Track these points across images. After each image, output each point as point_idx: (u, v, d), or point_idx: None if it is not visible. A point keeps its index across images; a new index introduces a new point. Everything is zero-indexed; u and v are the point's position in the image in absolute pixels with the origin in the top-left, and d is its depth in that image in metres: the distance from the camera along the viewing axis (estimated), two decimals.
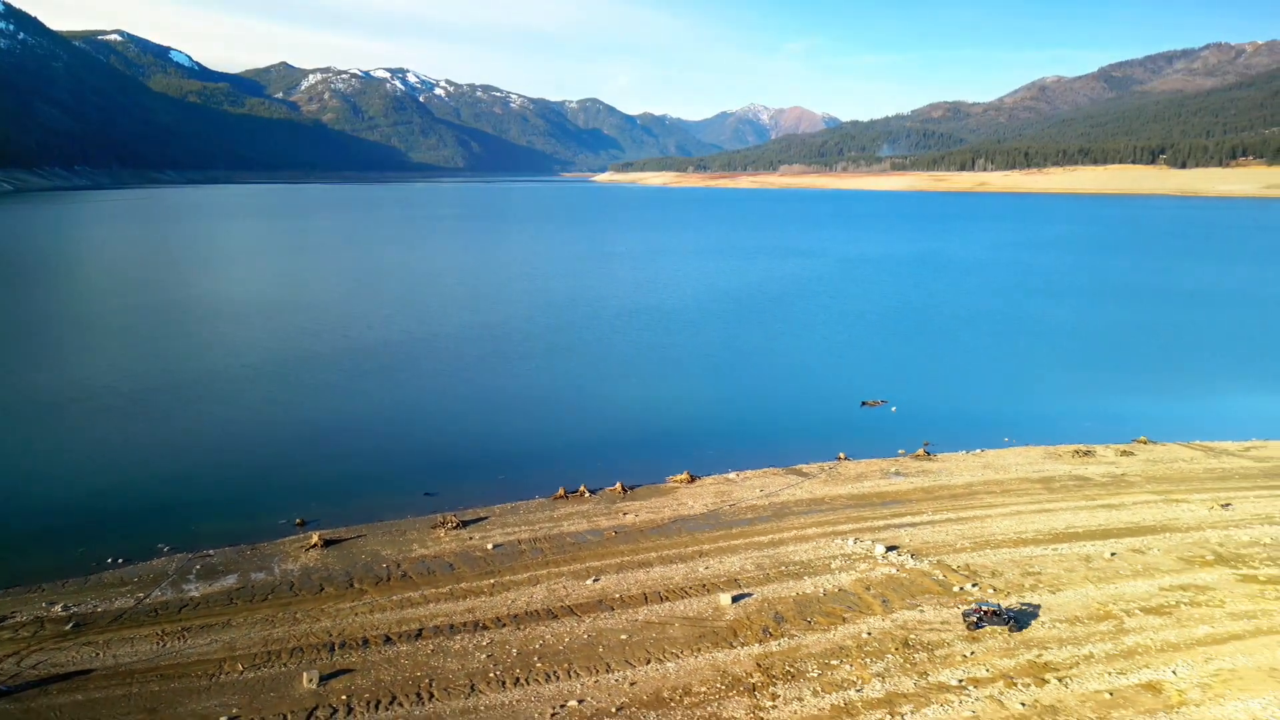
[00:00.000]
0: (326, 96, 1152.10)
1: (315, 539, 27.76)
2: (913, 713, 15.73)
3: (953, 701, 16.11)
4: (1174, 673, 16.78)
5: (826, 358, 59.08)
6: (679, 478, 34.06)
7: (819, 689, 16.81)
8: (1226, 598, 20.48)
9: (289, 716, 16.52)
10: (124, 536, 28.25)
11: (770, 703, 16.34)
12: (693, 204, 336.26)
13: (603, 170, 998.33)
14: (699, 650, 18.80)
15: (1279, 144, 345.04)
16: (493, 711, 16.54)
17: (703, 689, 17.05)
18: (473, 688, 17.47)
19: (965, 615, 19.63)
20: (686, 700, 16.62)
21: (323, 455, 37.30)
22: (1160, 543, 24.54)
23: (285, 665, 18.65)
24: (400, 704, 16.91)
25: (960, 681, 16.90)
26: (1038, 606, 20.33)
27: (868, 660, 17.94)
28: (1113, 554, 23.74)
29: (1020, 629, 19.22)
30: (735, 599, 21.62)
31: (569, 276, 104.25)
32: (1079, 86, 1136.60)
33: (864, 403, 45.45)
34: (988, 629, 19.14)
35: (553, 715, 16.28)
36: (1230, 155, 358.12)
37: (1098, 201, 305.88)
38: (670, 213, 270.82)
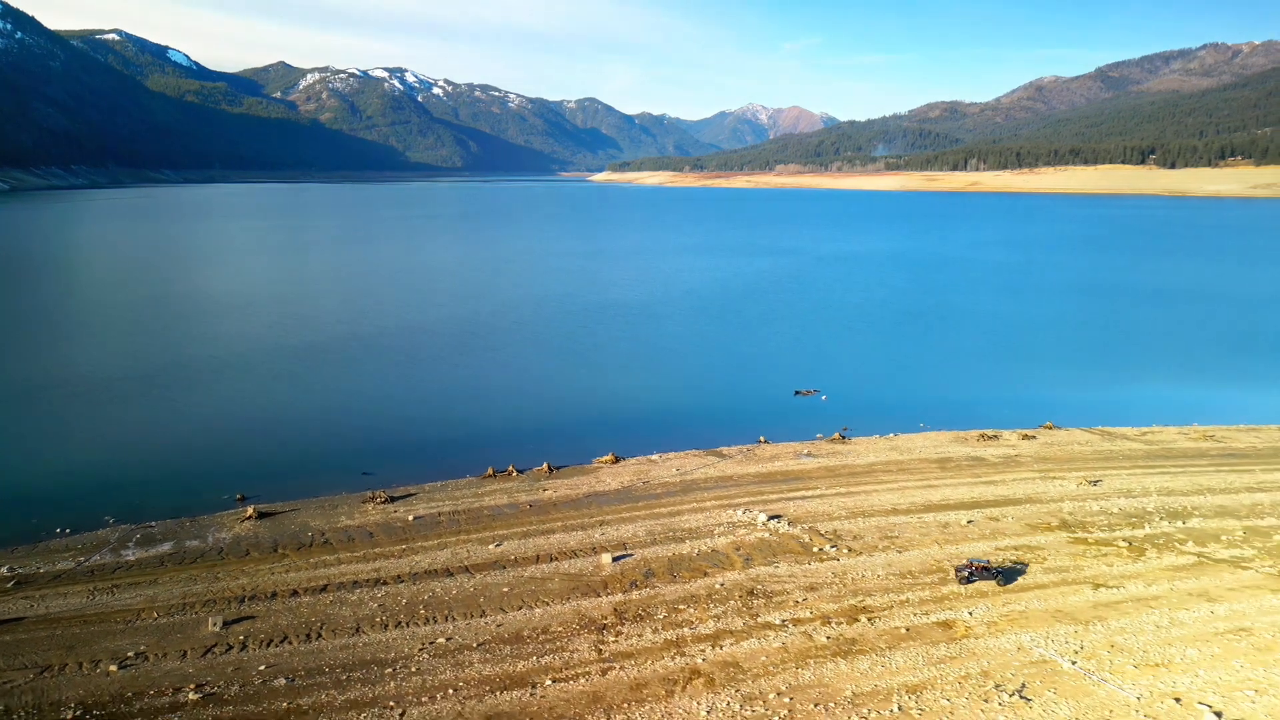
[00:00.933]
0: (324, 96, 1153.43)
1: (251, 511, 29.95)
2: (732, 644, 17.93)
3: (769, 636, 18.31)
4: (970, 614, 18.97)
5: (772, 350, 61.20)
6: (604, 459, 36.27)
7: (660, 627, 19.00)
8: (1050, 555, 22.68)
9: (189, 652, 18.71)
10: (74, 509, 30.45)
11: (614, 639, 18.53)
12: (685, 203, 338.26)
13: (600, 170, 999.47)
14: (568, 599, 20.99)
15: (1266, 144, 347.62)
16: (370, 647, 18.72)
17: (559, 629, 19.24)
18: (358, 629, 19.66)
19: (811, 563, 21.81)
20: (542, 637, 18.81)
21: (270, 439, 39.49)
22: (1017, 512, 26.75)
23: (196, 614, 20.83)
24: (290, 642, 19.10)
25: (783, 621, 19.10)
26: (891, 564, 22.50)
27: (711, 605, 20.13)
28: (969, 521, 25.94)
29: (855, 579, 21.41)
30: (616, 559, 23.82)
31: (543, 274, 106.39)
32: (1076, 87, 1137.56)
33: (797, 392, 47.66)
34: (824, 580, 21.33)
35: (420, 649, 18.46)
36: (1219, 155, 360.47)
37: (1086, 201, 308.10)
38: (660, 212, 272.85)
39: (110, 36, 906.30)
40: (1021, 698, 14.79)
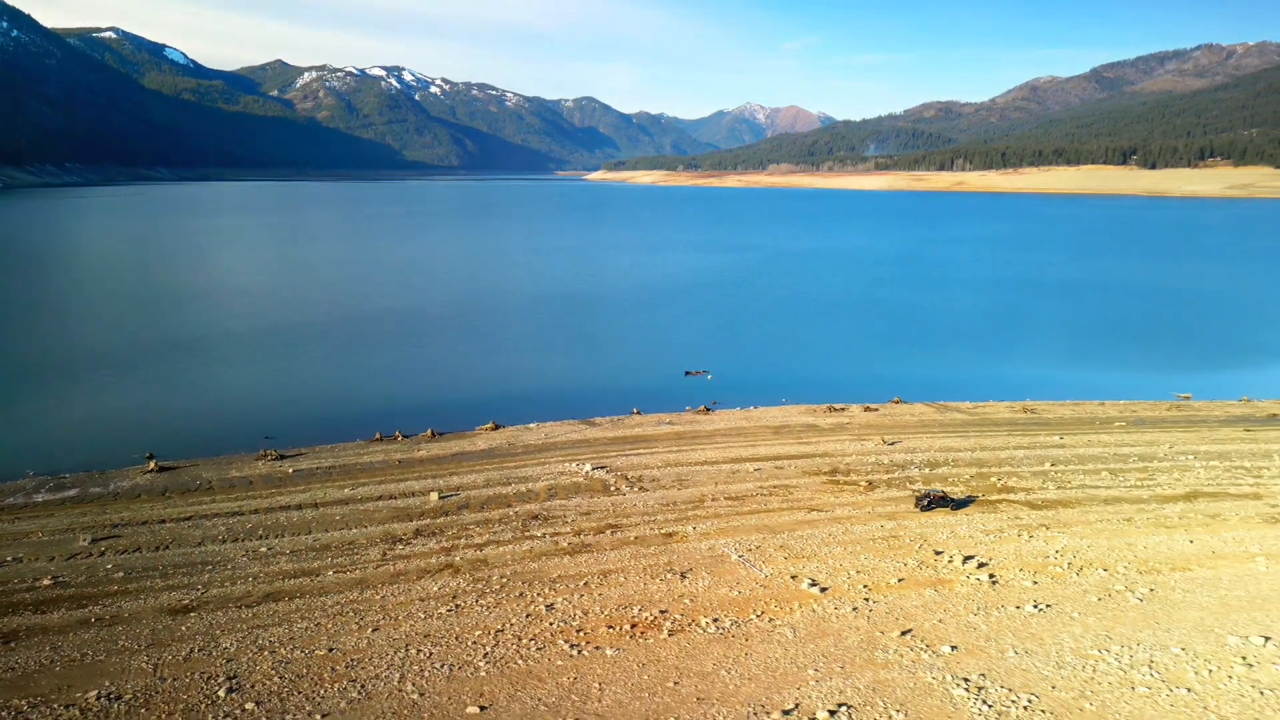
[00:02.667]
0: (321, 94, 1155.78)
1: (153, 465, 34.22)
2: (491, 549, 22.14)
3: (524, 544, 22.50)
4: (693, 529, 23.24)
5: (686, 338, 65.44)
6: (486, 426, 40.56)
7: (443, 540, 23.25)
8: (796, 491, 26.98)
9: (56, 558, 22.94)
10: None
11: (401, 548, 22.77)
12: (671, 202, 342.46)
13: (596, 169, 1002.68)
14: (384, 524, 25.24)
15: (1245, 145, 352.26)
16: (203, 554, 22.92)
17: (363, 542, 23.48)
18: (200, 543, 23.91)
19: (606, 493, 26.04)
20: (345, 548, 23.04)
21: (185, 409, 43.86)
22: (803, 464, 31.01)
23: (74, 535, 25.07)
24: (140, 552, 23.33)
25: (544, 535, 23.31)
26: (666, 497, 26.75)
27: (496, 526, 24.38)
28: (756, 469, 30.20)
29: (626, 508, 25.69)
30: (443, 496, 28.07)
31: (500, 268, 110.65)
32: (1070, 87, 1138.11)
33: (688, 372, 51.96)
34: (601, 509, 25.60)
35: (242, 555, 22.71)
36: (1199, 156, 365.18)
37: (1064, 201, 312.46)
38: (644, 211, 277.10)
39: (108, 35, 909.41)
40: (681, 576, 19.07)
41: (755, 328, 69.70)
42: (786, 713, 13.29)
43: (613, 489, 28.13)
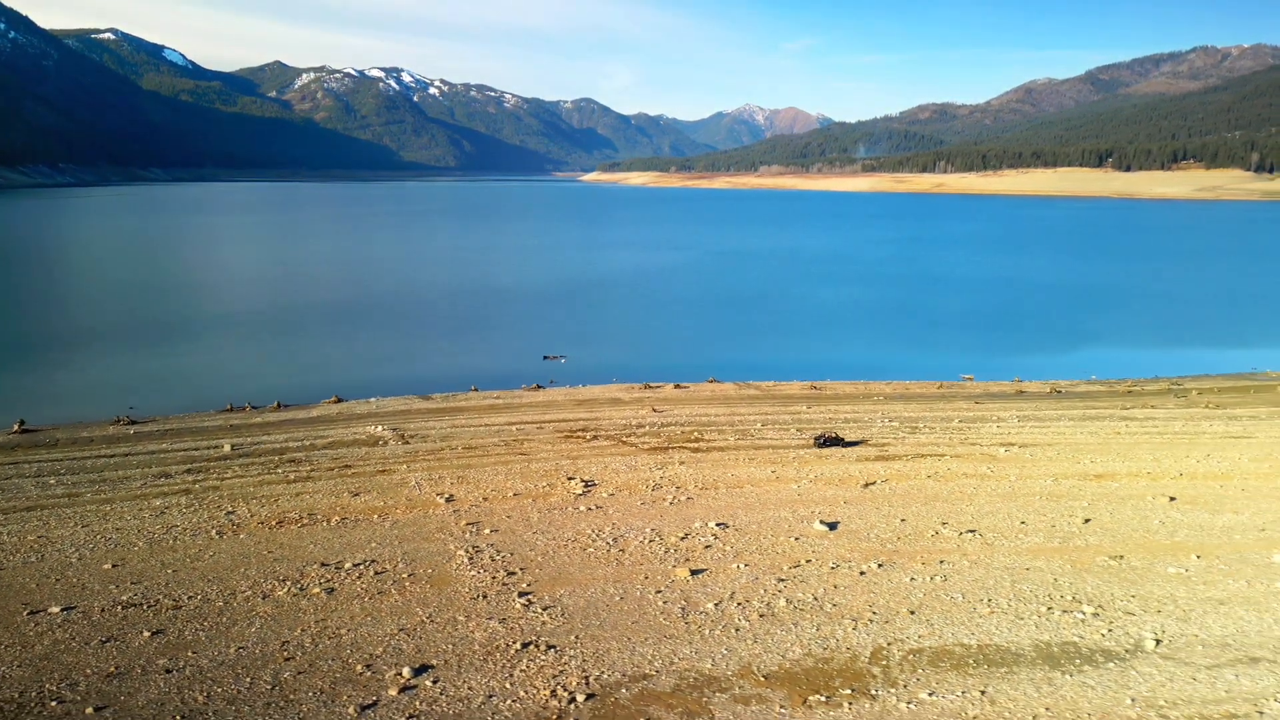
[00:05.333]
0: (320, 95, 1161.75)
1: (17, 427, 39.34)
2: (233, 478, 27.19)
3: (267, 476, 27.55)
4: (407, 467, 28.21)
5: (568, 327, 70.31)
6: (329, 400, 45.61)
7: (197, 477, 28.23)
8: (528, 444, 31.89)
9: None
10: None
11: (162, 483, 27.77)
12: (651, 203, 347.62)
13: (593, 170, 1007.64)
14: (165, 466, 30.18)
15: (1217, 148, 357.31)
16: (5, 483, 28.00)
17: (135, 478, 28.41)
18: (8, 478, 29.00)
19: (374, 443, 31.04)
20: (115, 482, 28.01)
21: (53, 378, 49.04)
22: (565, 426, 35.85)
23: None
24: None
25: (284, 474, 28.36)
26: (416, 449, 31.62)
27: (260, 469, 29.37)
28: (518, 428, 35.19)
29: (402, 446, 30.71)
30: (234, 448, 33.08)
31: (440, 264, 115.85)
32: (1065, 89, 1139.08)
33: (545, 357, 56.96)
34: (358, 457, 30.59)
35: (32, 486, 27.75)
36: (1172, 159, 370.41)
37: (1035, 202, 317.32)
38: (619, 211, 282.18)
39: (106, 36, 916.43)
40: (354, 495, 23.91)
41: (635, 319, 74.61)
42: (357, 565, 18.17)
43: (382, 443, 33.09)
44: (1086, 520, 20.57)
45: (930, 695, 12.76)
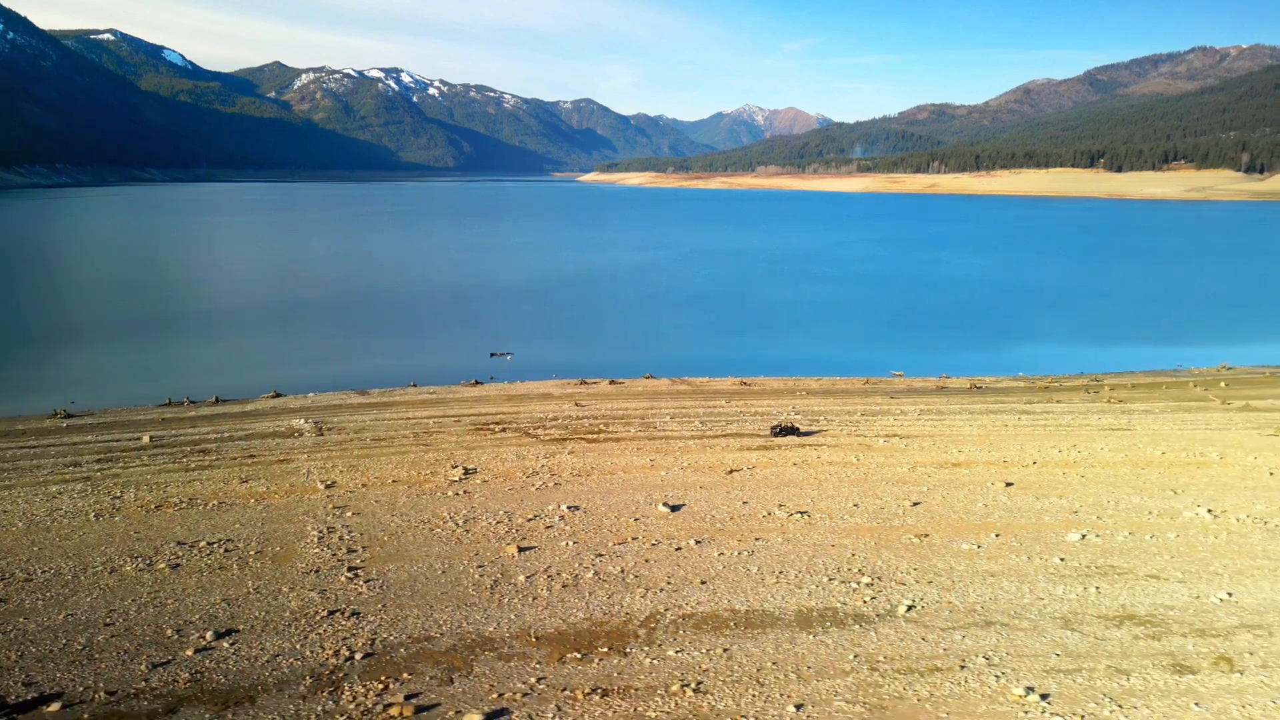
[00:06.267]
0: (319, 96, 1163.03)
1: None
2: (155, 471, 28.33)
3: (180, 464, 28.72)
4: (307, 457, 29.35)
5: (526, 325, 71.41)
6: (267, 395, 46.74)
7: (106, 467, 29.41)
8: (435, 437, 33.01)
9: None
10: None
11: (71, 470, 28.92)
12: (645, 203, 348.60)
13: (592, 171, 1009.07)
14: (80, 455, 31.34)
15: (1207, 148, 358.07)
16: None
17: (46, 466, 29.61)
18: None
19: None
20: (26, 470, 29.19)
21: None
22: (482, 420, 37.00)
23: None
24: None
25: (195, 464, 29.52)
26: (328, 440, 32.73)
27: (160, 458, 30.51)
28: (436, 421, 36.33)
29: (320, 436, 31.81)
30: (154, 439, 34.18)
31: (417, 263, 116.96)
32: (1064, 90, 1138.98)
33: (492, 354, 58.04)
34: (267, 449, 31.68)
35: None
36: (1163, 159, 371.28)
37: (1026, 203, 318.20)
38: (611, 211, 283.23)
39: (105, 36, 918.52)
40: (243, 481, 24.99)
41: (588, 318, 75.60)
42: (211, 543, 19.28)
43: (297, 435, 34.20)
44: (915, 503, 21.67)
45: (677, 652, 13.86)
